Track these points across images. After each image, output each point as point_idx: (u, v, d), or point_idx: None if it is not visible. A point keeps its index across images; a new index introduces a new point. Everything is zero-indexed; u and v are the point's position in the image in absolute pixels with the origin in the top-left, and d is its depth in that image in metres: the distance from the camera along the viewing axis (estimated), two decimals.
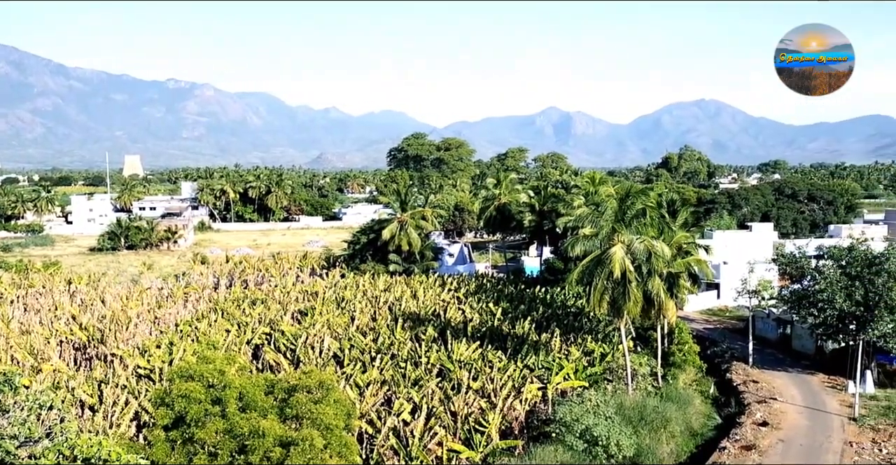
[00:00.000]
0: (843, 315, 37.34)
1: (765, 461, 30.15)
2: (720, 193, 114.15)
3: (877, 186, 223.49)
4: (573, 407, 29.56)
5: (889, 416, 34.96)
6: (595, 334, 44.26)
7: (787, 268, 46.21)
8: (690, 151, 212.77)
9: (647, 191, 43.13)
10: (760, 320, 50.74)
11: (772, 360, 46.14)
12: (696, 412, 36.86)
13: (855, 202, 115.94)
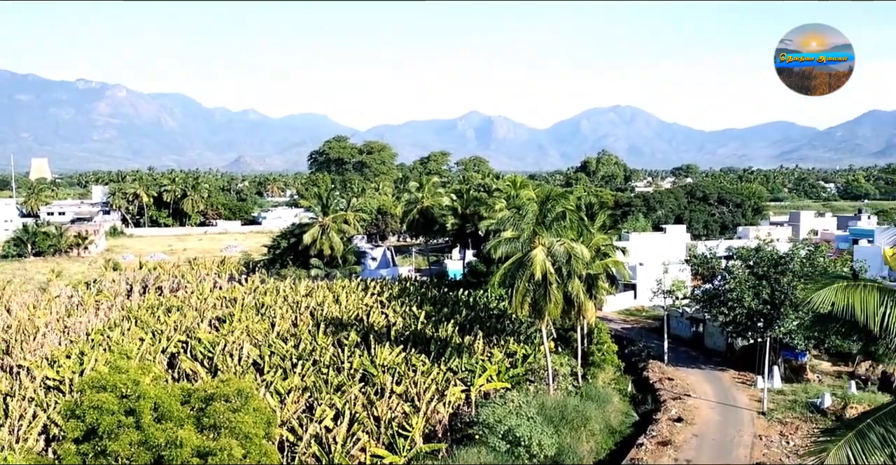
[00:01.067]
0: (752, 313, 38.88)
1: (680, 455, 31.06)
2: (636, 197, 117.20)
3: (781, 189, 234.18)
4: (496, 409, 29.76)
5: (795, 409, 36.57)
6: (517, 336, 44.72)
7: (699, 268, 47.99)
8: (608, 156, 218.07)
9: (567, 194, 43.99)
10: (675, 319, 52.33)
11: (686, 357, 47.64)
12: (615, 410, 37.69)
13: (761, 205, 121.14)
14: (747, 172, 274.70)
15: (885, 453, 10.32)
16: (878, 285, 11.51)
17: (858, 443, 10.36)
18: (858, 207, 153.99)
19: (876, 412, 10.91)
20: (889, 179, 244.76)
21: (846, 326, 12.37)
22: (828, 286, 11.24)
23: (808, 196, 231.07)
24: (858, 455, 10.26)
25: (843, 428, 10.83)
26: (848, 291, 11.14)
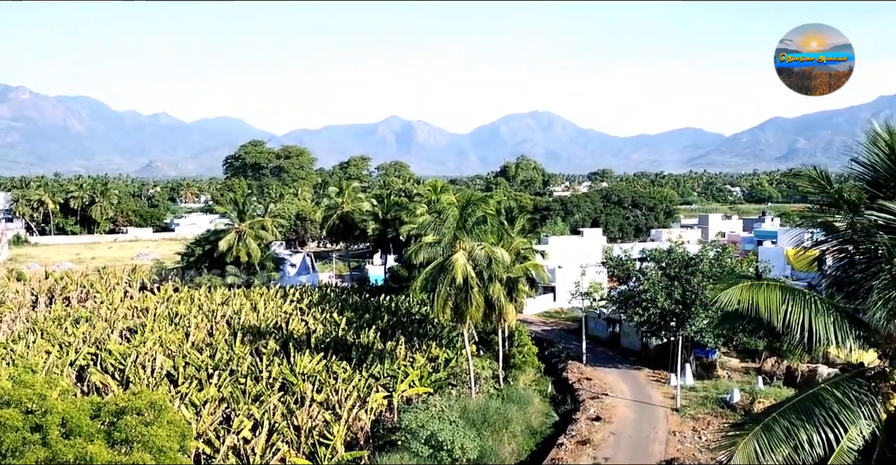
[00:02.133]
0: (665, 313, 40.09)
1: (598, 454, 31.72)
2: (554, 201, 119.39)
3: (691, 193, 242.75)
4: (418, 414, 29.68)
5: (706, 405, 37.90)
6: (439, 340, 44.79)
7: (614, 270, 49.23)
8: (526, 161, 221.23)
9: (487, 199, 44.31)
10: (592, 320, 53.45)
11: (603, 357, 48.73)
12: (536, 411, 38.19)
13: (673, 208, 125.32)
14: (659, 177, 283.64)
15: (790, 445, 10.77)
16: (780, 284, 12.03)
17: (765, 436, 10.79)
18: (762, 209, 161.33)
19: (780, 406, 11.39)
20: (790, 182, 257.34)
21: (752, 323, 12.88)
22: (733, 286, 11.67)
23: (715, 200, 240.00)
24: (765, 448, 10.68)
25: (751, 422, 11.26)
26: (752, 290, 11.59)
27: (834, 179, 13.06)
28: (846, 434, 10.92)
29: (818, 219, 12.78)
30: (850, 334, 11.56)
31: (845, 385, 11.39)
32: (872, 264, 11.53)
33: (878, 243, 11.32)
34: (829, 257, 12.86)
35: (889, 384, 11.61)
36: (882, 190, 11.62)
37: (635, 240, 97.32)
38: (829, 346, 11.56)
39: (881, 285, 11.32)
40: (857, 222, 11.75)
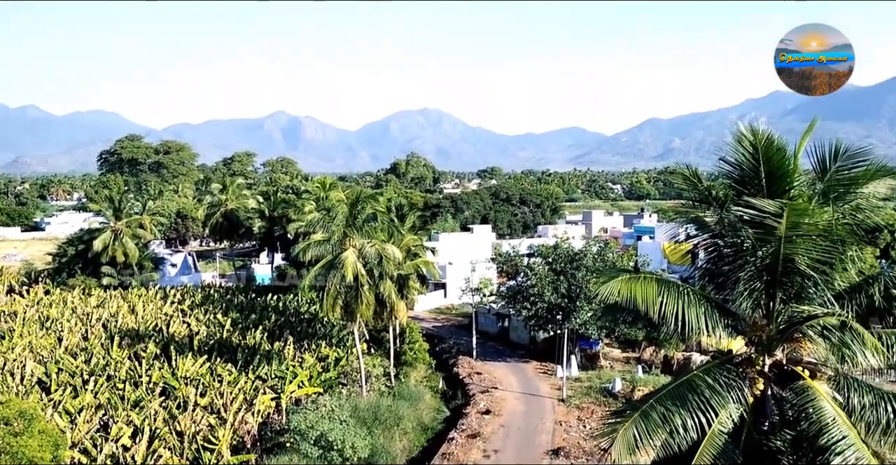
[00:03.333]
0: (551, 307, 41.17)
1: (488, 446, 32.24)
2: (444, 198, 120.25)
3: (576, 190, 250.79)
4: (308, 414, 29.21)
5: (590, 395, 39.25)
6: (329, 339, 44.27)
7: (503, 266, 50.15)
8: (417, 158, 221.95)
9: (377, 196, 44.23)
10: (482, 315, 54.22)
11: (493, 352, 49.56)
12: (427, 407, 38.39)
13: (559, 205, 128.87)
14: (546, 175, 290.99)
15: (666, 430, 11.29)
16: (656, 277, 12.58)
17: (643, 423, 11.26)
18: (641, 206, 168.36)
19: (657, 394, 11.93)
20: (666, 180, 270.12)
21: (631, 315, 13.41)
22: (613, 279, 12.11)
23: (598, 197, 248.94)
24: (643, 434, 11.15)
25: (630, 410, 11.73)
26: (630, 283, 12.07)
27: (705, 177, 13.77)
28: (717, 418, 11.55)
29: (691, 215, 13.40)
30: (719, 323, 12.23)
31: (716, 372, 12.04)
32: (739, 256, 12.22)
33: (744, 236, 12.01)
34: (701, 250, 13.54)
35: (755, 370, 12.36)
36: (747, 187, 12.33)
37: (523, 236, 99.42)
38: (701, 335, 12.16)
39: (746, 276, 12.03)
40: (725, 218, 12.41)
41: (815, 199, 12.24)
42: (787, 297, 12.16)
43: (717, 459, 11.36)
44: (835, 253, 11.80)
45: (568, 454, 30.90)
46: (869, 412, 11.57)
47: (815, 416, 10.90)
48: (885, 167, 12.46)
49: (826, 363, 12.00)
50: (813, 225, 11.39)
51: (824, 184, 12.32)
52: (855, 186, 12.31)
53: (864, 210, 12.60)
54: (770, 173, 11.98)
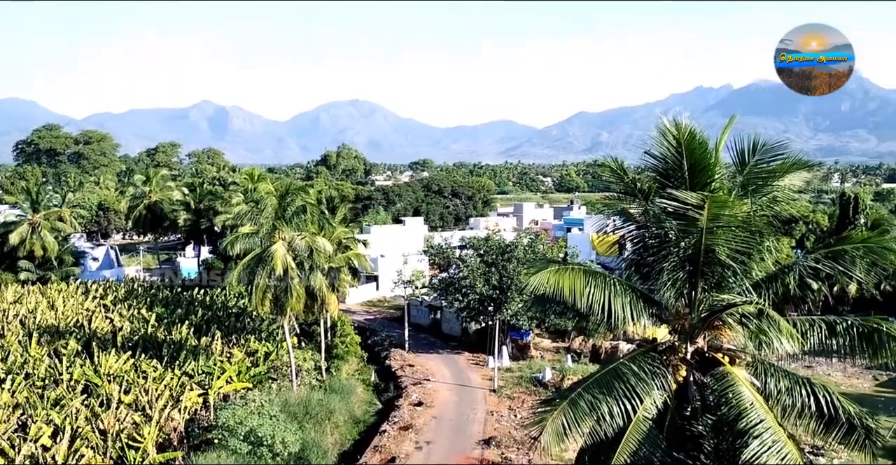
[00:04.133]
0: (483, 298, 41.54)
1: (420, 438, 32.36)
2: (376, 190, 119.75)
3: (507, 182, 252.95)
4: (236, 410, 28.72)
5: (521, 385, 39.79)
6: (259, 334, 43.53)
7: (436, 258, 50.27)
8: (348, 149, 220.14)
9: (307, 188, 43.64)
10: (415, 307, 54.32)
11: (425, 344, 49.72)
12: (359, 400, 38.27)
13: (490, 197, 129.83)
14: (477, 167, 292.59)
15: (593, 417, 11.53)
16: (583, 268, 12.80)
17: (571, 411, 11.46)
18: (571, 198, 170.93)
19: (584, 382, 12.16)
20: (594, 173, 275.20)
21: (560, 305, 13.60)
22: (542, 271, 12.27)
23: (529, 189, 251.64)
24: (571, 422, 11.35)
25: (559, 398, 11.92)
26: (559, 274, 12.25)
27: (632, 169, 14.04)
28: (642, 404, 11.86)
29: (617, 207, 13.67)
30: (644, 312, 12.54)
31: (641, 360, 12.35)
32: (663, 247, 12.54)
33: (667, 228, 12.32)
34: (627, 241, 13.82)
35: (678, 357, 12.72)
36: (671, 180, 12.64)
37: (455, 228, 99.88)
38: (628, 324, 12.44)
39: (670, 266, 12.36)
40: (651, 210, 12.70)
41: (734, 191, 12.64)
42: (708, 286, 12.54)
43: (642, 444, 11.67)
44: (753, 243, 12.22)
45: (499, 444, 31.27)
46: (785, 396, 12.06)
47: (734, 401, 11.30)
48: (800, 161, 12.95)
49: (745, 350, 12.44)
50: (732, 217, 11.76)
51: (743, 177, 12.74)
52: (772, 178, 12.76)
53: (780, 202, 13.08)
54: (692, 166, 12.31)
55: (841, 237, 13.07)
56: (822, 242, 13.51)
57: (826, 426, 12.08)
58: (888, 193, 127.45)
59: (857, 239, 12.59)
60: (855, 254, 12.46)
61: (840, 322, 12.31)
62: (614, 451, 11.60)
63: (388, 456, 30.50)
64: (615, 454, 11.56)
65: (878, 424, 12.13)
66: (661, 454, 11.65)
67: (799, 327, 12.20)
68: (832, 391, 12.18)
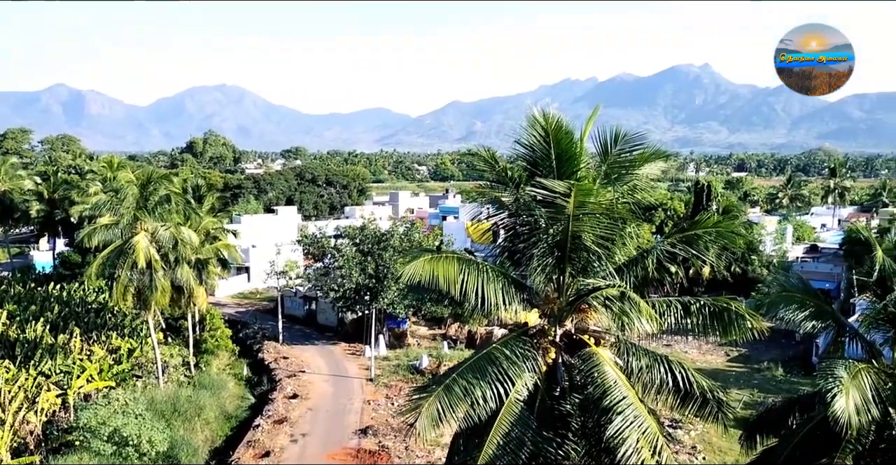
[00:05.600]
0: (359, 288, 41.36)
1: (295, 430, 31.92)
2: (246, 178, 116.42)
3: (382, 171, 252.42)
4: (98, 410, 27.26)
5: (398, 373, 39.99)
6: (121, 330, 41.39)
7: (310, 248, 49.47)
8: (215, 136, 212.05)
9: (171, 176, 41.80)
10: (289, 299, 53.40)
11: (300, 335, 49.00)
12: (231, 396, 37.28)
13: (366, 186, 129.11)
14: (352, 155, 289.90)
15: (467, 402, 11.74)
16: (457, 256, 12.97)
17: (446, 396, 11.61)
18: (446, 187, 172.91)
19: (459, 367, 12.35)
20: (468, 162, 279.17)
21: (436, 293, 13.73)
22: (417, 259, 12.34)
23: (405, 178, 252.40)
24: (446, 407, 11.50)
25: (434, 384, 12.05)
26: (433, 262, 12.36)
27: (504, 159, 14.33)
28: (514, 387, 12.19)
29: (490, 195, 13.92)
30: (516, 297, 12.86)
31: (512, 343, 12.68)
32: (533, 234, 12.90)
33: (537, 215, 12.67)
34: (500, 229, 14.12)
35: (548, 340, 13.15)
36: (539, 168, 13.01)
37: (330, 217, 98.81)
38: (500, 309, 12.73)
39: (540, 252, 12.74)
40: (521, 198, 13.02)
41: (599, 180, 13.16)
42: (575, 271, 13.02)
43: (514, 426, 12.00)
44: (616, 230, 12.79)
45: (376, 433, 31.33)
46: (645, 374, 12.74)
47: (599, 380, 11.81)
48: (658, 151, 13.66)
49: (609, 331, 13.03)
50: (597, 204, 12.25)
51: (607, 166, 13.29)
52: (633, 168, 13.39)
53: (641, 190, 13.76)
54: (560, 156, 12.71)
55: (693, 222, 13.86)
56: (678, 227, 14.39)
57: (683, 400, 12.88)
58: (737, 181, 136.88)
59: (708, 224, 13.42)
60: (707, 238, 13.30)
61: (694, 303, 13.12)
62: (488, 433, 11.86)
63: (261, 451, 29.90)
64: (488, 436, 11.83)
65: (728, 396, 13.06)
66: (531, 434, 12.02)
67: (657, 307, 12.89)
68: (688, 367, 12.99)
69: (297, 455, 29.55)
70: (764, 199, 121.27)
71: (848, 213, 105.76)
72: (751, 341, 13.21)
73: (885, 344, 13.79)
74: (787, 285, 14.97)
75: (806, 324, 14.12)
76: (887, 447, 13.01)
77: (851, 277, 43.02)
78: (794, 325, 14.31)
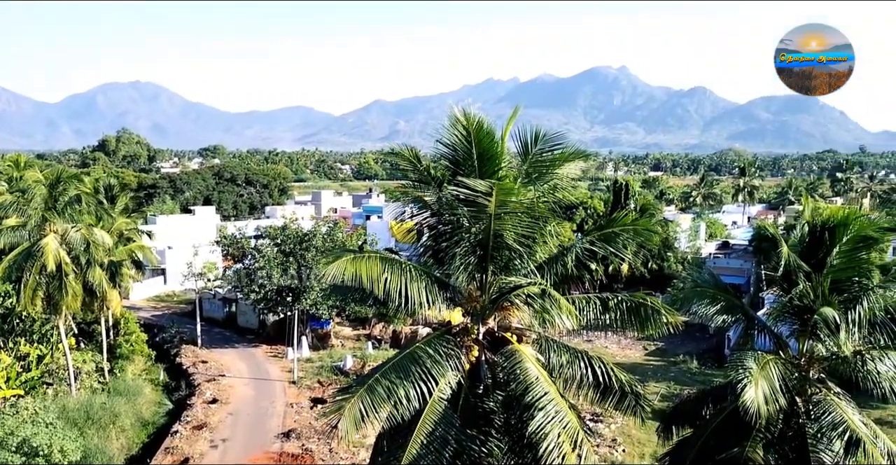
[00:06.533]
0: (281, 289, 40.73)
1: (215, 436, 31.19)
2: (162, 178, 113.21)
3: (304, 170, 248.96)
4: (6, 420, 25.94)
5: (322, 374, 39.57)
6: (30, 336, 39.42)
7: (229, 249, 48.41)
8: (129, 134, 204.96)
9: (82, 176, 40.31)
10: (208, 301, 52.15)
11: (220, 338, 47.91)
12: (148, 402, 36.17)
13: (287, 185, 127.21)
14: (273, 154, 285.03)
15: (391, 402, 11.69)
16: (380, 256, 12.91)
17: (369, 397, 11.53)
18: (370, 186, 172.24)
19: (382, 367, 12.30)
20: (391, 161, 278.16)
21: (359, 293, 13.66)
22: (339, 259, 12.21)
23: (327, 177, 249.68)
24: (369, 408, 11.42)
25: (357, 385, 11.96)
26: (356, 262, 12.26)
27: (427, 158, 14.34)
28: (437, 386, 12.20)
29: (413, 194, 13.91)
30: (439, 296, 12.87)
31: (436, 342, 12.69)
32: (456, 233, 12.95)
33: (459, 214, 12.74)
34: (424, 228, 14.13)
35: (471, 338, 13.24)
36: (462, 168, 13.07)
37: (250, 217, 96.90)
38: (424, 308, 12.73)
39: (462, 251, 12.81)
40: (443, 197, 13.06)
41: (520, 179, 13.32)
42: (497, 269, 13.15)
43: (438, 424, 12.02)
44: (537, 228, 12.98)
45: (299, 435, 30.93)
46: (566, 369, 12.99)
47: (521, 377, 11.95)
48: (578, 151, 13.90)
49: (531, 328, 13.21)
50: (518, 203, 12.40)
51: (527, 165, 13.45)
52: (553, 167, 13.58)
53: (561, 189, 13.98)
54: (481, 155, 12.79)
55: (611, 220, 14.19)
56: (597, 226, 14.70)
57: (602, 395, 13.20)
58: (654, 180, 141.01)
59: (626, 222, 13.77)
60: (625, 236, 13.64)
61: (612, 299, 13.46)
62: (411, 433, 11.85)
63: (180, 458, 29.10)
64: (412, 435, 11.82)
65: (646, 390, 13.46)
66: (455, 432, 12.07)
67: (577, 304, 13.16)
68: (607, 362, 13.31)
69: (218, 461, 28.88)
70: (678, 197, 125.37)
71: (757, 210, 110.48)
72: (667, 336, 13.63)
73: (791, 336, 14.43)
74: (699, 280, 15.52)
75: (717, 318, 14.68)
76: (794, 434, 13.63)
77: (760, 272, 45.01)
78: (707, 319, 14.85)
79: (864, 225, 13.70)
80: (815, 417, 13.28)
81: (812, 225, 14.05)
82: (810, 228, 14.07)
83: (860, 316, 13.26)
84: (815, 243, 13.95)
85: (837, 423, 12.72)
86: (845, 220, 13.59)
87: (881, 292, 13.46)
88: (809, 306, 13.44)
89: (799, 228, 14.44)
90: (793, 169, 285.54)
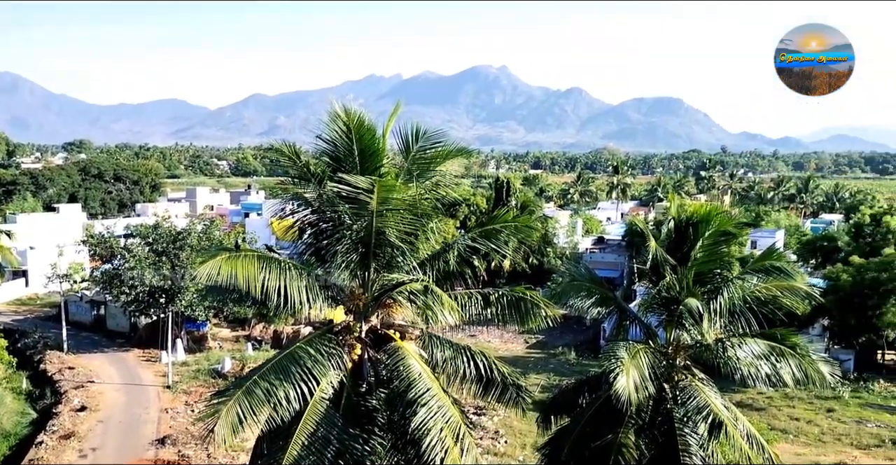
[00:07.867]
0: (154, 290, 38.97)
1: (85, 445, 29.58)
2: (22, 174, 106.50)
3: (178, 166, 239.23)
4: None
5: (199, 378, 38.23)
6: None
7: (97, 249, 45.99)
8: None
9: None
10: (74, 304, 49.46)
11: (88, 343, 45.55)
12: (8, 411, 33.99)
13: (159, 182, 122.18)
14: (144, 149, 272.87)
15: (270, 404, 11.40)
16: (258, 254, 12.56)
17: (247, 400, 11.19)
18: (248, 183, 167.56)
19: (260, 369, 11.97)
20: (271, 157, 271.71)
21: (237, 293, 13.23)
22: (213, 258, 11.79)
23: (203, 173, 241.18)
24: (247, 411, 11.08)
25: (234, 388, 11.59)
26: (231, 261, 11.86)
27: (309, 154, 14.09)
28: (319, 386, 12.00)
29: (293, 191, 13.63)
30: (320, 295, 12.67)
31: (317, 341, 12.49)
32: (337, 230, 12.79)
33: (341, 212, 12.59)
34: (306, 226, 13.87)
35: (353, 336, 13.12)
36: (343, 164, 12.91)
37: (119, 215, 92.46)
38: (305, 307, 12.49)
39: (344, 249, 12.67)
40: (324, 194, 12.87)
41: (402, 176, 13.32)
42: (379, 266, 13.10)
43: (319, 425, 11.85)
44: (419, 225, 13.02)
45: (175, 442, 29.77)
46: (449, 365, 13.11)
47: (404, 373, 11.96)
48: (460, 148, 14.04)
49: (414, 325, 13.26)
50: (400, 200, 12.38)
51: (409, 162, 13.46)
52: (434, 164, 13.67)
53: (444, 186, 14.10)
54: (362, 151, 12.70)
55: (493, 217, 14.46)
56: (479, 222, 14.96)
57: (485, 388, 13.42)
58: (534, 178, 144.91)
59: (507, 219, 14.06)
60: (506, 232, 13.93)
61: (493, 293, 13.72)
62: (292, 434, 11.63)
63: None
64: (293, 437, 11.59)
65: (527, 381, 13.81)
66: (337, 431, 11.94)
67: (459, 300, 13.31)
68: (489, 355, 13.54)
69: None
70: (557, 194, 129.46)
71: (629, 207, 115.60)
72: (547, 328, 14.08)
73: (659, 326, 15.21)
74: (576, 274, 16.09)
75: (593, 310, 15.30)
76: (663, 419, 14.36)
77: (632, 266, 47.19)
78: (584, 311, 15.42)
79: (724, 221, 14.63)
80: (681, 402, 14.07)
81: (678, 221, 14.85)
82: (676, 224, 14.87)
83: (721, 306, 14.17)
84: (680, 238, 14.75)
85: (702, 407, 13.51)
86: (707, 216, 14.44)
87: (740, 283, 14.42)
88: (675, 298, 14.19)
89: (666, 224, 15.21)
90: (662, 167, 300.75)
